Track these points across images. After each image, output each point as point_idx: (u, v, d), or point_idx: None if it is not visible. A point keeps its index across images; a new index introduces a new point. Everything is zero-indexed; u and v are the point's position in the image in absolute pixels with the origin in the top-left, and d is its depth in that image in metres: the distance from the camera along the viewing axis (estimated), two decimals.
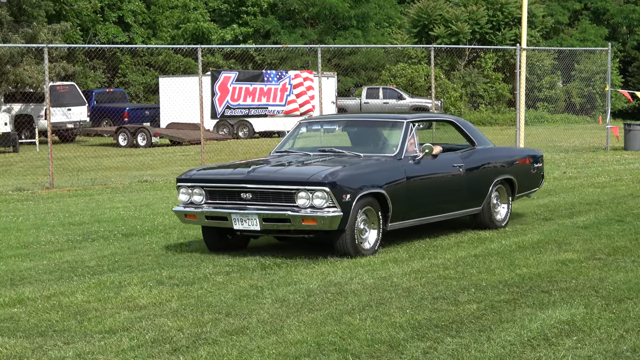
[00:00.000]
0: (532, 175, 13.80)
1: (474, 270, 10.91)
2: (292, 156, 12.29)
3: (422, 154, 11.69)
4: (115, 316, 9.11)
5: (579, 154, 28.18)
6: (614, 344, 7.63)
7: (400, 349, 7.67)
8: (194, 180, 11.09)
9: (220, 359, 7.53)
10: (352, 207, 10.26)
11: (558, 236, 13.25)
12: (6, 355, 7.83)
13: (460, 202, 12.40)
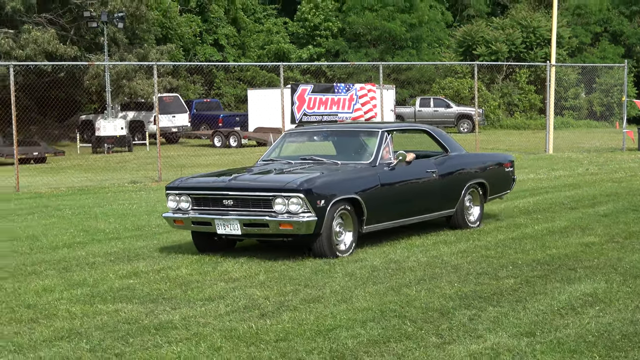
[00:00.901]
0: (503, 178, 13.28)
1: (511, 251, 10.93)
2: (275, 164, 11.80)
3: (396, 161, 11.12)
4: (213, 287, 9.29)
5: (599, 154, 27.82)
6: (630, 313, 7.66)
7: (450, 316, 7.70)
8: (180, 188, 10.72)
9: (300, 323, 7.62)
10: (326, 212, 9.79)
11: (582, 222, 13.20)
12: (124, 318, 7.99)
13: (435, 205, 11.81)
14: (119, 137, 37.35)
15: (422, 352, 6.72)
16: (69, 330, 7.84)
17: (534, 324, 7.40)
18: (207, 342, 7.22)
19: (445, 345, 6.88)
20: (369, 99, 42.15)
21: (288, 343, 7.11)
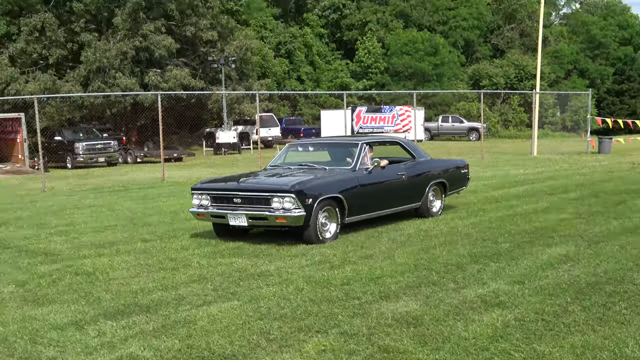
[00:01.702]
0: (460, 178, 12.66)
1: (507, 224, 11.02)
2: (278, 169, 11.17)
3: (372, 167, 10.52)
4: (297, 247, 9.64)
5: (569, 156, 27.50)
6: (593, 268, 7.81)
7: (463, 269, 7.81)
8: (202, 189, 10.27)
9: (357, 272, 7.87)
10: (313, 208, 9.26)
11: (558, 204, 13.22)
12: (237, 267, 8.36)
13: (404, 200, 11.20)
14: (232, 143, 37.82)
15: (444, 294, 6.86)
16: (199, 275, 8.10)
17: (523, 275, 7.54)
18: (293, 285, 7.45)
19: (460, 289, 7.03)
20: (405, 117, 42.26)
21: (349, 286, 7.31)
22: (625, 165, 21.83)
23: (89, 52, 37.63)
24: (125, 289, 7.51)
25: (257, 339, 5.68)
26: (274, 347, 5.47)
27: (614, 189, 15.51)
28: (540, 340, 5.47)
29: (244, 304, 6.73)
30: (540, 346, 5.35)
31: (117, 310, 6.64)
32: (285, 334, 5.77)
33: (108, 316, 6.46)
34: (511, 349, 5.32)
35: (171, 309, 6.65)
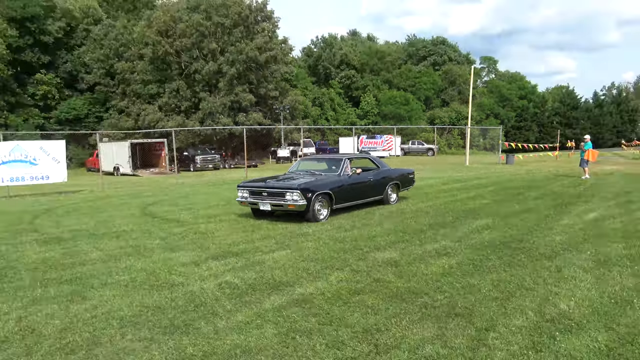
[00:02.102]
0: (409, 180, 11.91)
1: (451, 206, 10.73)
2: (292, 174, 10.43)
3: (352, 173, 10.07)
4: None
5: (488, 165, 27.06)
6: (503, 233, 7.56)
7: (424, 232, 7.67)
8: (243, 186, 9.68)
9: (361, 234, 7.81)
10: (312, 200, 8.84)
11: (481, 194, 12.88)
12: (288, 230, 8.16)
13: (372, 194, 10.62)
14: (286, 157, 37.56)
15: (413, 247, 6.75)
16: (266, 235, 8.09)
17: (461, 237, 7.39)
18: (322, 240, 7.36)
19: (422, 245, 6.92)
20: (389, 141, 41.70)
21: (356, 242, 7.21)
22: (523, 171, 21.41)
23: (204, 103, 38.05)
24: (223, 242, 7.53)
25: (301, 273, 5.65)
26: (311, 278, 5.44)
27: (516, 185, 15.19)
28: (471, 276, 5.37)
29: (293, 251, 6.71)
30: (471, 280, 5.25)
31: (218, 255, 6.65)
32: (317, 270, 5.73)
33: (213, 258, 6.47)
34: (454, 281, 5.22)
35: (250, 254, 6.65)
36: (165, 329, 4.11)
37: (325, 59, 61.31)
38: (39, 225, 9.63)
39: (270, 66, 40.23)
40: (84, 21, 43.57)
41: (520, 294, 4.78)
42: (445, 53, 68.44)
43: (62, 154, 16.41)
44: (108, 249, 7.23)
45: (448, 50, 69.04)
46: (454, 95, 63.27)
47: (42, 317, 4.43)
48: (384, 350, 3.65)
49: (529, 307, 4.44)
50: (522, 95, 69.36)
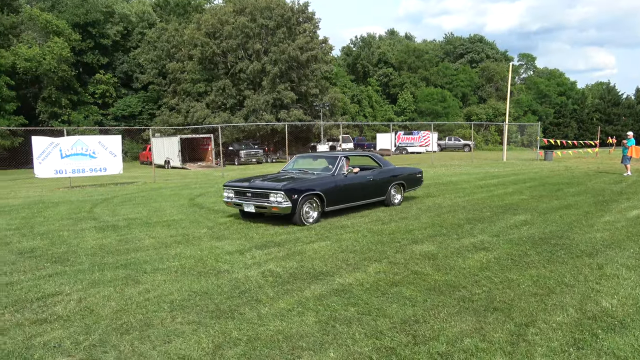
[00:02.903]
0: (415, 180, 10.65)
1: (488, 201, 10.43)
2: (284, 174, 9.37)
3: (347, 172, 8.94)
4: (364, 212, 9.19)
5: (526, 161, 26.17)
6: (542, 229, 7.25)
7: (462, 227, 7.49)
8: (229, 186, 8.75)
9: (399, 227, 7.65)
10: (298, 201, 7.85)
11: (519, 189, 12.44)
12: (328, 222, 8.08)
13: (372, 195, 9.45)
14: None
15: (450, 241, 6.58)
16: (307, 226, 7.98)
17: (499, 232, 7.15)
18: (361, 233, 7.28)
19: (460, 239, 6.72)
20: (426, 137, 40.97)
21: (394, 235, 7.08)
22: (561, 168, 20.57)
23: (248, 101, 38.51)
24: (265, 232, 7.56)
25: (340, 263, 5.60)
26: (350, 269, 5.38)
27: (555, 181, 14.59)
28: (510, 271, 5.17)
29: (333, 243, 6.67)
30: (510, 275, 5.06)
31: (261, 244, 6.69)
32: (356, 261, 5.67)
33: (257, 247, 6.51)
34: (492, 275, 5.05)
35: (291, 244, 6.65)
36: (212, 313, 4.16)
37: (363, 57, 60.87)
38: (97, 214, 9.97)
39: (311, 65, 40.26)
40: (139, 25, 44.89)
41: (560, 291, 4.57)
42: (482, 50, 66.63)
43: (118, 148, 16.96)
44: (159, 236, 7.41)
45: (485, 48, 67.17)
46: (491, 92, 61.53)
47: (99, 299, 4.57)
48: (423, 341, 3.56)
49: (570, 304, 4.23)
50: (561, 92, 66.85)
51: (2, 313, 4.24)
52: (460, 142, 45.41)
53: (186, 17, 46.23)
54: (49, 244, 7.07)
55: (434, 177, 17.22)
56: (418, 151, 40.97)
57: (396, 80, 59.19)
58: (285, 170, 9.82)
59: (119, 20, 43.34)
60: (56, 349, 3.54)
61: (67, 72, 37.00)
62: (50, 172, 15.87)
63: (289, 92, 38.70)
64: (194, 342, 3.61)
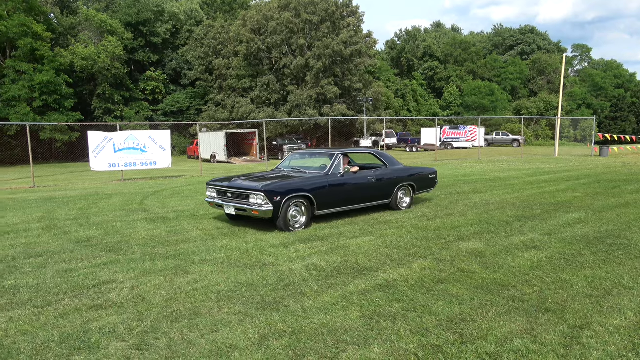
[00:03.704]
0: (428, 181, 9.50)
1: (539, 198, 10.01)
2: (274, 172, 8.63)
3: (343, 172, 8.00)
4: (407, 208, 9.05)
5: (579, 157, 24.99)
6: (598, 228, 6.93)
7: (511, 224, 7.28)
8: (211, 184, 8.03)
9: (444, 223, 7.53)
10: (282, 204, 7.05)
11: (572, 187, 11.90)
12: (371, 217, 8.03)
13: (374, 197, 8.45)
14: (368, 147, 37.21)
15: (498, 239, 6.38)
16: (351, 221, 8.04)
17: (551, 230, 6.86)
18: (405, 229, 7.19)
19: (509, 237, 6.51)
20: (473, 132, 39.90)
21: (439, 231, 6.95)
22: (618, 164, 19.51)
23: (292, 96, 38.81)
24: (310, 226, 7.57)
25: (384, 259, 5.55)
26: (394, 265, 5.32)
27: (611, 178, 13.86)
28: (563, 271, 4.96)
29: (377, 238, 6.62)
30: (563, 275, 4.85)
31: (305, 238, 6.73)
32: (400, 257, 5.60)
33: (300, 241, 6.56)
34: (543, 275, 4.86)
35: (334, 239, 6.65)
36: (258, 304, 4.22)
37: (408, 51, 59.94)
38: (148, 206, 10.34)
39: (355, 59, 40.04)
40: (187, 23, 46.08)
41: (617, 293, 4.33)
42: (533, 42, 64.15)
43: (167, 143, 17.52)
44: (206, 228, 7.59)
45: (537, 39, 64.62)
46: (542, 85, 59.19)
47: (150, 287, 4.74)
48: (470, 340, 3.47)
49: (628, 307, 4.01)
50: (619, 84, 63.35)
51: (62, 298, 4.48)
52: (508, 137, 43.92)
53: (232, 14, 47.05)
54: (103, 234, 7.40)
55: (480, 172, 16.75)
56: (464, 146, 39.99)
57: (442, 73, 57.98)
58: (278, 168, 9.06)
59: (169, 18, 44.64)
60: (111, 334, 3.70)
61: (120, 70, 38.55)
62: (104, 165, 16.61)
63: (333, 87, 38.68)
64: (240, 332, 3.68)
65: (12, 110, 31.93)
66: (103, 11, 42.72)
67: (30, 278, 5.12)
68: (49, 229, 7.90)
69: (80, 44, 37.32)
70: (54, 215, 9.27)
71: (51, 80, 32.76)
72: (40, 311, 4.17)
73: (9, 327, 3.86)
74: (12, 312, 4.16)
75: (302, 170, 8.44)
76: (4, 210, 10.09)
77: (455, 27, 73.80)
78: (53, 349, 3.46)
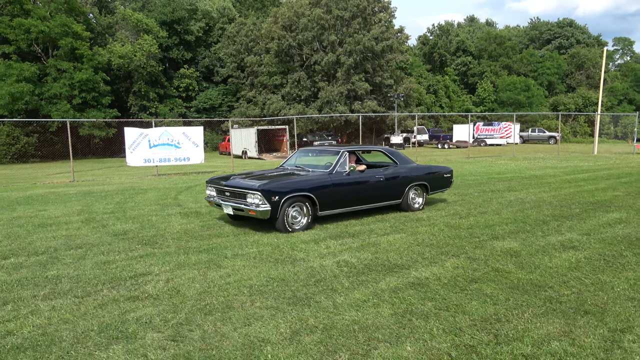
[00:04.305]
0: (443, 181, 9.00)
1: (577, 197, 9.69)
2: (277, 170, 8.29)
3: (349, 170, 7.58)
4: (439, 204, 8.93)
5: (620, 155, 24.05)
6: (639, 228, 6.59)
7: (547, 223, 7.07)
8: (210, 183, 7.75)
9: (478, 221, 7.39)
10: (280, 204, 6.73)
11: (612, 185, 11.49)
12: (402, 215, 7.95)
13: (382, 197, 8.00)
14: (399, 143, 36.79)
15: (535, 238, 6.21)
16: (382, 218, 7.96)
17: (589, 230, 6.63)
18: (437, 226, 7.08)
19: (545, 236, 6.32)
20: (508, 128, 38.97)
21: (472, 230, 6.83)
22: None
23: (323, 92, 38.82)
24: (340, 222, 7.55)
25: (416, 257, 5.49)
26: (426, 263, 5.26)
27: None
28: (603, 273, 4.79)
29: (408, 235, 6.55)
30: (603, 276, 4.68)
31: (336, 235, 6.72)
32: (433, 256, 5.53)
33: (331, 237, 6.56)
34: (582, 276, 4.70)
35: (365, 236, 6.62)
36: (289, 300, 4.25)
37: (440, 46, 58.96)
38: (182, 200, 10.55)
39: (386, 55, 39.71)
40: (220, 21, 46.71)
41: None
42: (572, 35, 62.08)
43: (200, 139, 17.83)
44: (238, 224, 7.68)
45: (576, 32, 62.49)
46: (581, 80, 57.28)
47: (185, 280, 4.84)
48: (505, 342, 3.40)
49: None
50: None
51: (101, 289, 4.63)
52: (545, 134, 42.69)
53: (264, 11, 47.40)
54: (139, 227, 7.60)
55: (515, 170, 16.34)
56: (498, 143, 39.11)
57: (475, 69, 56.83)
58: (282, 166, 8.71)
59: (202, 16, 45.36)
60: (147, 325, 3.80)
61: (155, 68, 39.46)
62: (140, 160, 17.04)
63: (363, 83, 38.50)
64: (272, 326, 3.71)
65: (53, 108, 33.15)
66: (139, 10, 43.78)
67: (70, 269, 5.31)
68: (88, 221, 8.17)
69: (117, 43, 38.40)
70: (93, 209, 9.58)
71: (90, 78, 33.84)
72: (81, 301, 4.32)
73: (51, 315, 4.01)
74: (55, 301, 4.32)
75: (306, 168, 8.11)
76: (46, 204, 10.49)
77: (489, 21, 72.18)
78: (93, 338, 3.58)
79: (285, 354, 3.27)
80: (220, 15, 47.15)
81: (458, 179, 13.30)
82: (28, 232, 7.34)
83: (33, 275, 5.10)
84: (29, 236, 7.05)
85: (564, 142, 43.77)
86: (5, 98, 30.76)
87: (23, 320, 3.91)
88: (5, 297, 4.44)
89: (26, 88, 31.41)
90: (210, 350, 3.35)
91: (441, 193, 9.80)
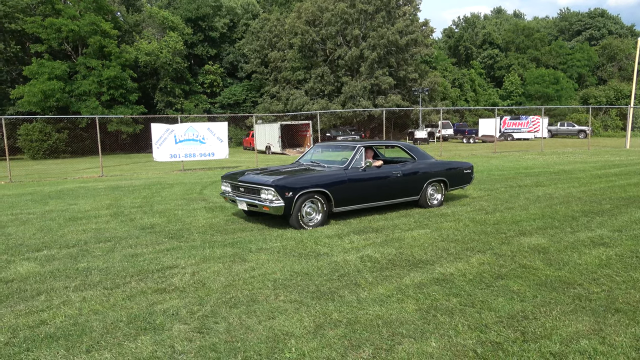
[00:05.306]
0: (463, 177, 8.76)
1: (608, 192, 9.42)
2: (293, 166, 8.16)
3: (365, 166, 7.38)
4: (463, 200, 8.80)
5: None
6: None
7: (577, 219, 6.90)
8: (225, 178, 7.69)
9: (504, 217, 7.26)
10: (294, 200, 6.63)
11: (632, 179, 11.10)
12: (426, 210, 7.87)
13: (400, 194, 7.85)
14: (423, 138, 36.36)
15: (563, 234, 6.06)
16: (406, 214, 7.87)
17: (621, 226, 6.44)
18: (462, 222, 7.00)
19: (575, 232, 6.18)
20: (536, 122, 38.12)
21: (499, 225, 6.72)
22: None
23: (346, 87, 38.68)
24: (363, 218, 7.53)
25: (441, 252, 5.44)
26: (451, 259, 5.20)
27: None
28: (635, 270, 4.65)
29: (433, 231, 6.49)
30: (635, 274, 4.54)
31: (360, 230, 6.71)
32: (458, 251, 5.46)
33: (355, 232, 6.55)
34: (613, 273, 4.57)
35: (389, 231, 6.59)
36: (313, 294, 4.27)
37: (466, 39, 57.96)
38: (207, 195, 10.69)
39: (410, 49, 39.27)
40: (244, 17, 46.99)
41: None
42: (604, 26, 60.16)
43: (224, 134, 18.01)
44: (262, 218, 7.75)
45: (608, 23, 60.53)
46: (613, 72, 55.50)
47: (210, 274, 4.91)
48: (533, 339, 3.34)
49: None
50: None
51: (129, 281, 4.74)
52: (574, 128, 41.57)
53: (287, 6, 47.41)
54: (166, 221, 7.74)
55: (543, 165, 15.97)
56: (525, 137, 38.30)
57: (502, 62, 55.66)
58: (298, 161, 8.57)
59: (226, 13, 45.71)
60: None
61: (180, 64, 40.01)
62: (166, 156, 17.33)
63: (387, 78, 38.18)
64: (296, 320, 3.74)
65: (83, 104, 34.00)
66: (165, 8, 44.37)
67: (100, 261, 5.45)
68: (116, 215, 8.36)
69: (144, 40, 39.05)
70: (121, 203, 9.80)
71: (117, 75, 34.54)
72: (110, 292, 4.43)
73: (82, 306, 4.13)
74: (85, 293, 4.45)
75: (321, 164, 7.96)
76: (77, 198, 10.79)
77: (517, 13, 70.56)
78: (122, 329, 3.67)
79: (309, 348, 3.29)
80: (244, 12, 47.42)
81: (484, 174, 13.07)
82: (60, 226, 7.56)
83: (64, 267, 5.26)
84: (61, 229, 7.27)
85: (595, 136, 42.59)
86: (38, 96, 31.74)
87: (55, 310, 4.04)
88: (38, 288, 4.59)
89: (57, 86, 32.32)
90: (235, 343, 3.40)
91: (462, 189, 9.59)
